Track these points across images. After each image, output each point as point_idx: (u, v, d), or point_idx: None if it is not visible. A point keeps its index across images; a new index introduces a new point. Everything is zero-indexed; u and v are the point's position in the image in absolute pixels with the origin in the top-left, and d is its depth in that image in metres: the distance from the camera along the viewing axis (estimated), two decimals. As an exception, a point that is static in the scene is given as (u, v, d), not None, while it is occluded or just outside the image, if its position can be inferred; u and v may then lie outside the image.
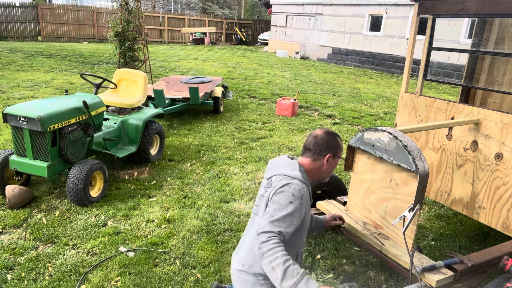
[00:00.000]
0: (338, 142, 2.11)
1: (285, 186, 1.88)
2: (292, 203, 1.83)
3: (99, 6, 28.72)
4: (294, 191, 1.86)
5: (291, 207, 1.82)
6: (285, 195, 1.84)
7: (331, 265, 3.24)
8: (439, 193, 3.51)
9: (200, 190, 4.52)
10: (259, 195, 2.09)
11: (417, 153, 2.50)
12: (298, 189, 1.87)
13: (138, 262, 3.12)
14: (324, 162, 2.07)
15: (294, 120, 7.83)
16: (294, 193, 1.85)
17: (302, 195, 1.87)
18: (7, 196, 3.76)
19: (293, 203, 1.83)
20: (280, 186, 1.89)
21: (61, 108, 3.92)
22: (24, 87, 9.12)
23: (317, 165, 2.08)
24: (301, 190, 1.88)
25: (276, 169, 2.02)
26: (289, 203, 1.82)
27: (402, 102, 3.80)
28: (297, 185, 1.88)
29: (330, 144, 2.08)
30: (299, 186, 1.88)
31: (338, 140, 2.11)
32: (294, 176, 1.93)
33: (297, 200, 1.84)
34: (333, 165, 2.12)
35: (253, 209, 2.10)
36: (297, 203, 1.84)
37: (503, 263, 2.36)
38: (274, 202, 1.85)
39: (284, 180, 1.92)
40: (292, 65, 17.55)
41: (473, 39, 4.34)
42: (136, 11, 10.02)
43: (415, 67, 15.00)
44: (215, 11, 34.17)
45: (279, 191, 1.88)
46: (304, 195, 1.89)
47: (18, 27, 19.97)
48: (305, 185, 1.93)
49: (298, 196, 1.85)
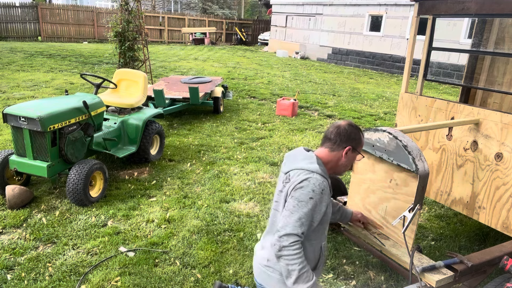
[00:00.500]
0: (360, 136, 2.02)
1: (305, 181, 1.83)
2: (313, 199, 1.80)
3: (99, 6, 28.73)
4: (314, 186, 1.82)
5: (312, 203, 1.80)
6: (305, 191, 1.81)
7: (331, 265, 3.24)
8: (439, 193, 3.51)
9: (200, 190, 4.52)
10: (277, 191, 2.03)
11: (417, 153, 2.50)
12: (318, 184, 1.83)
13: (138, 262, 3.12)
14: (343, 154, 1.98)
15: (294, 120, 7.83)
16: (314, 188, 1.81)
17: (322, 190, 1.83)
18: (7, 196, 3.76)
19: (313, 198, 1.80)
20: (299, 181, 1.85)
21: (61, 108, 3.92)
22: (24, 87, 9.12)
23: (335, 157, 1.99)
24: (321, 184, 1.84)
25: (294, 162, 1.96)
26: (310, 199, 1.80)
27: (402, 102, 3.80)
28: (316, 180, 1.84)
29: (352, 136, 1.98)
30: (319, 181, 1.84)
31: (361, 135, 2.02)
32: (313, 170, 1.87)
33: (318, 196, 1.81)
34: (351, 159, 2.03)
35: (273, 204, 2.06)
36: (317, 198, 1.81)
37: (503, 263, 2.36)
38: (294, 198, 1.82)
39: (303, 175, 1.87)
40: (292, 65, 17.55)
41: (473, 39, 4.34)
42: (136, 11, 10.02)
43: (415, 67, 15.00)
44: (215, 11, 34.17)
45: (298, 186, 1.84)
46: (325, 189, 1.85)
47: (18, 27, 19.97)
48: (324, 179, 1.88)
49: (319, 191, 1.82)
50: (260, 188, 4.64)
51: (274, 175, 5.04)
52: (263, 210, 4.13)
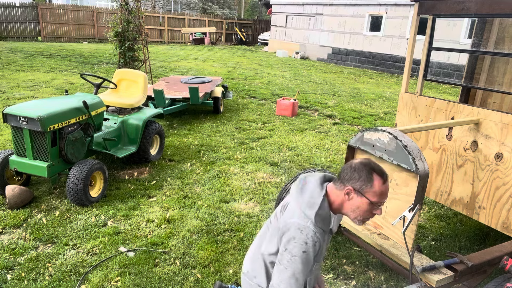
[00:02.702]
0: (368, 177, 1.75)
1: (298, 231, 1.74)
2: (306, 253, 1.72)
3: (99, 6, 28.73)
4: (307, 239, 1.73)
5: (305, 257, 1.72)
6: (298, 244, 1.73)
7: (331, 265, 3.24)
8: (439, 193, 3.51)
9: (200, 190, 4.52)
10: (274, 214, 1.97)
11: (417, 153, 2.50)
12: (310, 236, 1.73)
13: (138, 262, 3.12)
14: (343, 194, 1.80)
15: (294, 120, 7.83)
16: (307, 241, 1.72)
17: (315, 242, 1.73)
18: (7, 196, 3.76)
19: (306, 252, 1.72)
20: (292, 230, 1.76)
21: (61, 108, 3.92)
22: (24, 87, 9.12)
23: (338, 197, 1.82)
24: (314, 237, 1.74)
25: (299, 197, 1.85)
26: (303, 253, 1.72)
27: (402, 102, 3.80)
28: (309, 231, 1.74)
29: (356, 175, 1.76)
30: (311, 232, 1.74)
31: (371, 176, 1.75)
32: (309, 217, 1.77)
33: (311, 248, 1.73)
34: (358, 204, 1.78)
35: (266, 222, 2.02)
36: (311, 251, 1.73)
37: (503, 263, 2.36)
38: (288, 252, 1.74)
39: (297, 220, 1.77)
40: (292, 65, 17.55)
41: (473, 39, 4.34)
42: (136, 11, 10.02)
43: (415, 67, 15.00)
44: (215, 11, 34.17)
45: (291, 237, 1.75)
46: (318, 241, 1.75)
47: (18, 27, 19.97)
48: (319, 229, 1.77)
49: (311, 244, 1.73)
50: (260, 188, 4.64)
51: (274, 175, 5.04)
52: (263, 210, 4.13)
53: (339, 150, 6.22)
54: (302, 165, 5.46)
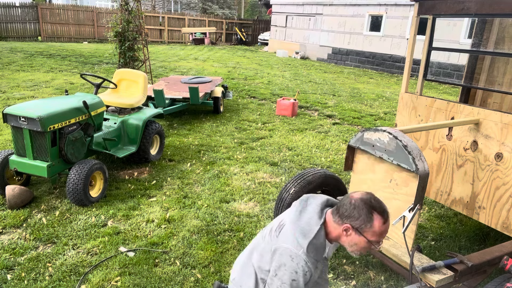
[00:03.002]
0: (368, 216, 1.70)
1: (289, 259, 1.74)
2: (295, 281, 1.72)
3: (99, 6, 28.73)
4: (297, 268, 1.73)
5: (295, 285, 1.73)
6: (288, 272, 1.74)
7: (331, 265, 3.24)
8: (439, 193, 3.51)
9: (200, 190, 4.52)
10: (270, 228, 1.95)
11: (417, 153, 2.50)
12: (301, 265, 1.73)
13: (138, 262, 3.12)
14: (341, 230, 1.76)
15: (294, 120, 7.83)
16: (297, 270, 1.73)
17: (305, 272, 1.73)
18: (7, 196, 3.76)
19: (296, 280, 1.72)
20: (284, 256, 1.77)
21: (61, 108, 3.92)
22: (24, 87, 9.12)
23: (336, 230, 1.78)
24: (304, 266, 1.73)
25: (295, 221, 1.82)
26: (292, 281, 1.73)
27: (402, 102, 3.80)
28: (300, 260, 1.73)
29: (356, 213, 1.70)
30: (302, 262, 1.73)
31: (372, 216, 1.70)
32: (301, 246, 1.74)
33: (301, 278, 1.72)
34: (356, 241, 1.75)
35: (262, 232, 2.00)
36: (300, 280, 1.72)
37: (503, 263, 2.36)
38: (278, 277, 1.76)
39: (290, 246, 1.76)
40: (292, 65, 17.55)
41: (473, 39, 4.34)
42: (136, 11, 10.02)
43: (415, 67, 14.99)
44: (215, 11, 34.17)
45: (282, 263, 1.76)
46: (308, 271, 1.74)
47: (18, 27, 19.97)
48: (310, 259, 1.75)
49: (301, 274, 1.72)
50: (260, 188, 4.64)
51: (274, 175, 5.04)
52: (263, 210, 4.13)
53: (339, 150, 6.22)
54: (302, 165, 5.46)
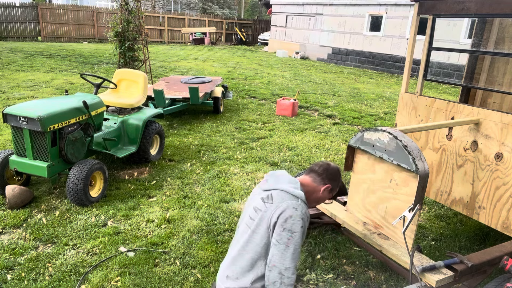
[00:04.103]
0: (340, 182, 2.22)
1: (293, 210, 1.88)
2: (303, 227, 1.88)
3: (99, 6, 28.74)
4: (303, 215, 1.89)
5: (302, 232, 1.88)
6: (296, 221, 1.86)
7: (331, 265, 3.24)
8: (439, 193, 3.51)
9: (200, 190, 4.52)
10: (253, 207, 2.00)
11: (417, 153, 2.50)
12: (304, 211, 1.90)
13: (138, 262, 3.12)
14: (321, 189, 2.13)
15: (294, 120, 7.83)
16: (303, 216, 1.88)
17: (308, 217, 1.92)
18: (7, 196, 3.76)
19: (303, 226, 1.88)
20: (289, 209, 1.88)
21: (61, 108, 3.92)
22: (24, 87, 9.12)
23: (314, 189, 2.12)
24: (307, 211, 1.92)
25: (278, 183, 2.01)
26: (301, 228, 1.87)
27: (402, 102, 3.80)
28: (303, 207, 1.90)
29: (336, 177, 2.16)
30: (305, 208, 1.92)
31: (341, 182, 2.19)
32: (298, 196, 1.95)
33: (306, 222, 1.90)
34: (325, 197, 2.18)
35: (246, 221, 2.01)
36: (306, 225, 1.90)
37: (503, 263, 2.36)
38: (287, 230, 1.85)
39: (289, 201, 1.91)
40: (292, 65, 17.55)
41: (473, 39, 4.34)
42: (136, 11, 10.02)
43: (415, 67, 15.00)
44: (215, 11, 34.18)
45: (287, 216, 1.87)
46: (308, 216, 1.93)
47: (18, 27, 19.97)
48: (306, 205, 1.97)
49: (306, 219, 1.90)
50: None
51: (274, 175, 5.04)
52: (263, 210, 4.12)
53: (339, 150, 6.22)
54: (302, 165, 5.46)
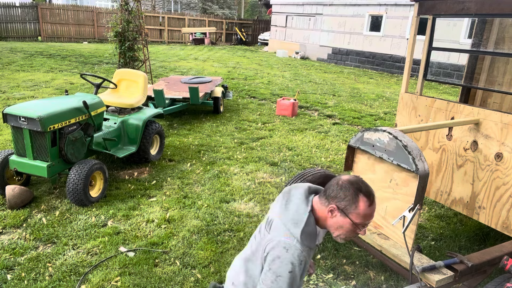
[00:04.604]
0: (354, 198, 1.64)
1: (283, 250, 1.66)
2: (292, 273, 1.63)
3: (99, 6, 28.73)
4: (293, 258, 1.64)
5: (291, 277, 1.64)
6: (283, 264, 1.64)
7: (331, 265, 3.24)
8: (439, 193, 3.51)
9: (200, 190, 4.52)
10: (260, 225, 1.89)
11: (417, 153, 2.50)
12: (297, 255, 1.64)
13: (138, 262, 3.12)
14: (327, 212, 1.70)
15: (294, 120, 7.83)
16: (293, 260, 1.64)
17: (301, 262, 1.65)
18: (7, 196, 3.76)
19: (292, 272, 1.63)
20: (277, 248, 1.67)
21: (61, 108, 3.92)
22: (24, 87, 9.12)
23: (322, 213, 1.72)
24: (300, 255, 1.65)
25: (283, 214, 1.76)
26: (289, 273, 1.63)
27: (402, 102, 3.80)
28: (295, 250, 1.65)
29: (342, 194, 1.66)
30: (298, 251, 1.65)
31: (357, 197, 1.64)
32: (294, 235, 1.67)
33: (297, 268, 1.64)
34: (341, 223, 1.69)
35: (255, 234, 1.92)
36: (296, 270, 1.65)
37: (503, 263, 2.36)
38: (272, 272, 1.65)
39: (283, 238, 1.68)
40: (292, 65, 17.55)
41: (473, 39, 4.34)
42: (136, 11, 10.02)
43: (415, 67, 15.00)
44: (215, 11, 34.17)
45: (275, 256, 1.66)
46: (303, 260, 1.67)
47: (18, 27, 19.96)
48: (305, 247, 1.68)
49: (297, 264, 1.64)
50: (260, 188, 4.64)
51: (274, 175, 5.04)
52: (263, 210, 4.12)
53: (339, 150, 6.22)
54: (302, 165, 5.46)
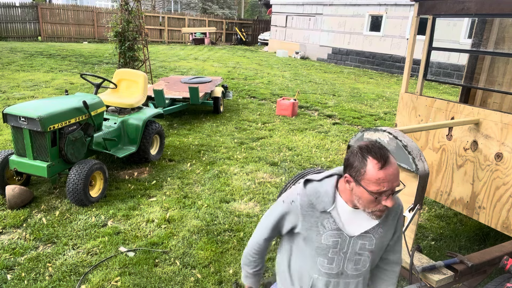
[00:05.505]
0: (361, 162, 1.44)
1: (288, 192, 1.67)
2: (278, 204, 1.68)
3: (99, 6, 28.74)
4: (288, 195, 1.64)
5: (276, 205, 1.68)
6: (280, 199, 1.69)
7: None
8: (439, 193, 3.51)
9: (200, 190, 4.52)
10: None
11: (417, 153, 2.50)
12: (291, 193, 1.64)
13: (138, 262, 3.12)
14: (344, 182, 1.54)
15: (294, 120, 7.83)
16: (287, 196, 1.64)
17: (291, 201, 1.61)
18: (7, 196, 3.76)
19: (278, 204, 1.67)
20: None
21: (61, 108, 3.92)
22: (24, 87, 9.12)
23: (343, 186, 1.56)
24: (294, 195, 1.62)
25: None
26: (276, 205, 1.69)
27: (402, 102, 3.80)
28: (294, 190, 1.64)
29: (351, 160, 1.47)
30: (294, 193, 1.63)
31: (365, 160, 1.43)
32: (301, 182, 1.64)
33: (285, 205, 1.64)
34: (358, 193, 1.48)
35: None
36: (280, 208, 1.65)
37: (503, 263, 2.36)
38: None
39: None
40: (292, 65, 17.55)
41: (473, 39, 4.34)
42: (136, 11, 10.02)
43: (415, 67, 14.99)
44: (215, 11, 34.17)
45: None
46: (295, 203, 1.60)
47: (18, 27, 19.96)
48: (304, 197, 1.59)
49: (287, 201, 1.63)
50: (260, 188, 4.64)
51: (274, 175, 5.04)
52: (263, 210, 4.13)
53: (339, 150, 6.22)
54: (302, 165, 5.46)
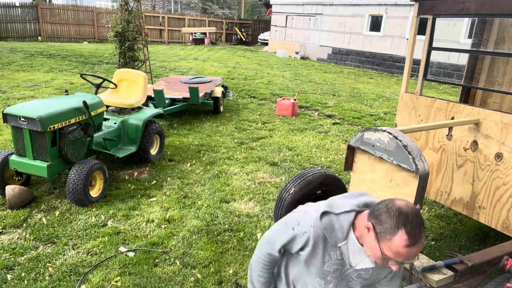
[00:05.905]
0: (393, 228, 1.39)
1: (301, 212, 1.63)
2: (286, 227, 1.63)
3: (99, 6, 28.73)
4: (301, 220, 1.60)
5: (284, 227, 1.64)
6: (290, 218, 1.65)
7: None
8: (439, 193, 3.51)
9: (200, 190, 4.52)
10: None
11: (417, 153, 2.50)
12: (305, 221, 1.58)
13: (138, 262, 3.12)
14: (364, 226, 1.50)
15: (294, 120, 7.83)
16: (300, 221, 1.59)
17: (303, 232, 1.58)
18: (7, 196, 3.76)
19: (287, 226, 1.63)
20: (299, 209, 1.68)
21: (61, 108, 3.92)
22: (24, 87, 9.12)
23: (362, 225, 1.53)
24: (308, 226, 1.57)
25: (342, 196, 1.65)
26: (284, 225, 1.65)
27: (402, 102, 3.80)
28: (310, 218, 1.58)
29: (384, 217, 1.42)
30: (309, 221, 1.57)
31: (397, 230, 1.38)
32: (319, 211, 1.58)
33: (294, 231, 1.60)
34: (372, 245, 1.47)
35: None
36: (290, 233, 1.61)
37: (503, 263, 2.36)
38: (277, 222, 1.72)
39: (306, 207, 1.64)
40: (292, 65, 17.55)
41: (473, 39, 4.34)
42: (136, 11, 10.02)
43: (415, 67, 14.99)
44: (215, 11, 34.17)
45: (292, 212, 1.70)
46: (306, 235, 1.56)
47: (18, 27, 19.96)
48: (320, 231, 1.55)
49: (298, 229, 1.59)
50: (260, 188, 4.64)
51: (274, 175, 5.04)
52: (263, 210, 4.13)
53: (339, 150, 6.22)
54: (302, 165, 5.46)
